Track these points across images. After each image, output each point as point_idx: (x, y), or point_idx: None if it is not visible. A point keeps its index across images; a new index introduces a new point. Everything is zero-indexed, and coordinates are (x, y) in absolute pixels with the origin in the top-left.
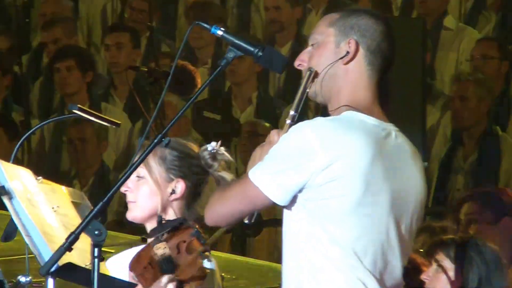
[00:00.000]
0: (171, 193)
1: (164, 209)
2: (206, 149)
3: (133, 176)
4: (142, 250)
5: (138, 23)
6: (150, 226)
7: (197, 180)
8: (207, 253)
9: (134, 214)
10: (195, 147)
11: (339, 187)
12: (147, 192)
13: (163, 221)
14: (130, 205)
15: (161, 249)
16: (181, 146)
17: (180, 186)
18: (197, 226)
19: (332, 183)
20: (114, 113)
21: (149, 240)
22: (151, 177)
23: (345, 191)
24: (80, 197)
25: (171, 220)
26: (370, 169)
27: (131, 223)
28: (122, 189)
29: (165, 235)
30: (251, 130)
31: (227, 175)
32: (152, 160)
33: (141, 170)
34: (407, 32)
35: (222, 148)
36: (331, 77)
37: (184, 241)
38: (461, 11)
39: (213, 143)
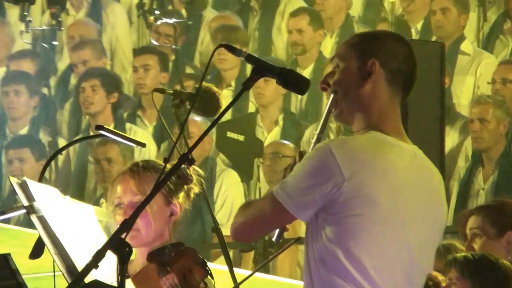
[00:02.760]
0: (170, 216)
1: (163, 232)
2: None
3: (131, 204)
4: (145, 274)
5: (164, 47)
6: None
7: (183, 197)
8: (209, 278)
9: (138, 241)
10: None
11: (358, 205)
12: (149, 219)
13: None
14: (132, 233)
15: (170, 280)
16: (161, 166)
17: (177, 207)
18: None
19: (352, 201)
20: (139, 134)
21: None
22: (151, 204)
23: (364, 209)
24: (106, 215)
25: (172, 245)
26: (390, 189)
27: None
28: (122, 218)
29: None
30: (274, 151)
31: (196, 188)
32: (150, 186)
33: (141, 198)
34: (426, 55)
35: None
36: (355, 98)
37: (190, 270)
38: (478, 36)
39: None
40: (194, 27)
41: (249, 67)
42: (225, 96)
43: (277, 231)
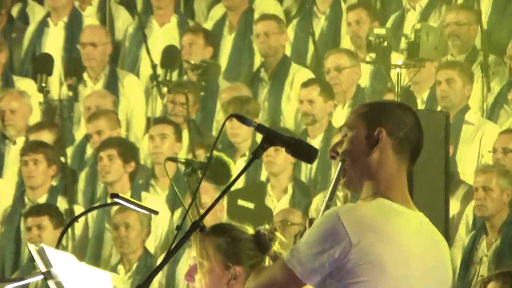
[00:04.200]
0: (230, 280)
1: None
2: (261, 231)
3: (195, 266)
4: None
5: (179, 116)
6: None
7: (254, 263)
8: None
9: None
10: (249, 229)
11: (365, 272)
12: (208, 282)
13: None
14: None
15: None
16: (234, 231)
17: (238, 272)
18: None
19: (359, 267)
20: (155, 202)
21: None
22: (210, 266)
23: (371, 275)
24: (122, 281)
25: None
26: (397, 255)
27: None
28: (184, 278)
29: None
30: (284, 219)
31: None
32: (210, 250)
33: (201, 261)
34: (431, 124)
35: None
36: (363, 166)
37: None
38: (482, 106)
39: (266, 226)
40: (207, 98)
41: (261, 137)
42: (241, 166)
43: None
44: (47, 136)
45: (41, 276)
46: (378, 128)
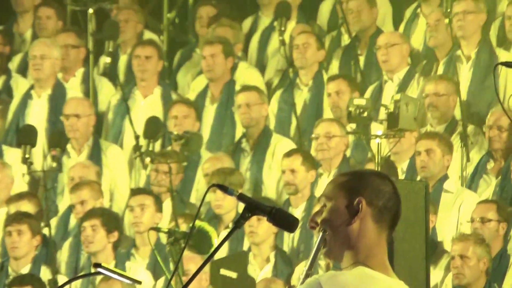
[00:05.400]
0: None
1: None
2: None
3: None
4: None
5: (161, 186)
6: None
7: None
8: None
9: None
10: None
11: None
12: None
13: None
14: None
15: None
16: None
17: None
18: None
19: None
20: (138, 272)
21: None
22: None
23: None
24: None
25: None
26: None
27: None
28: None
29: None
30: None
31: None
32: None
33: None
34: (411, 194)
35: None
36: (342, 236)
37: None
38: (463, 175)
39: None
40: (190, 167)
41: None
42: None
43: None
44: (30, 207)
45: None
46: (358, 198)
